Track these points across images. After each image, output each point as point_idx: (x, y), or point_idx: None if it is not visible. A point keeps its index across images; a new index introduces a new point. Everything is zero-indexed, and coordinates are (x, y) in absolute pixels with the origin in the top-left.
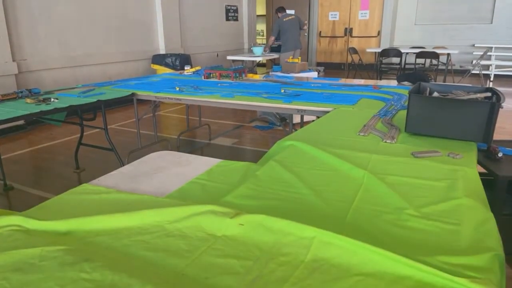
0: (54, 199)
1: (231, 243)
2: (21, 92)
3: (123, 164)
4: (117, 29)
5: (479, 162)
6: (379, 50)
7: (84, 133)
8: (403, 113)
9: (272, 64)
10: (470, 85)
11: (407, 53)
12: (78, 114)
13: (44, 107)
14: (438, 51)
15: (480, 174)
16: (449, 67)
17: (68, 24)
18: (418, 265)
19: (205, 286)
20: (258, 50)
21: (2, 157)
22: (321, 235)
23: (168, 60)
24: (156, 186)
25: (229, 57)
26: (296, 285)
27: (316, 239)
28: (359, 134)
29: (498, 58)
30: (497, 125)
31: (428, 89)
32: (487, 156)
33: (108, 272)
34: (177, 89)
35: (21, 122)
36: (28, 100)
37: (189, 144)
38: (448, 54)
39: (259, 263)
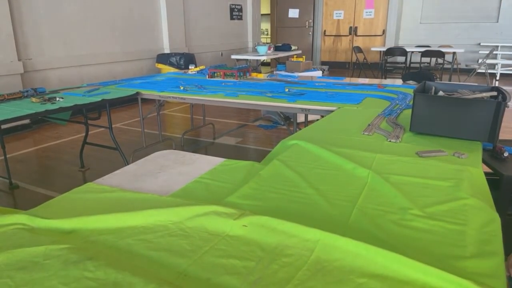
0: (58, 197)
1: (234, 243)
2: (27, 91)
3: (127, 163)
4: (122, 28)
5: (484, 162)
6: (384, 49)
7: (89, 132)
8: (408, 112)
9: (277, 63)
10: (476, 84)
11: (412, 52)
12: (83, 113)
13: (49, 106)
14: (443, 49)
15: (486, 173)
16: (455, 66)
17: (73, 23)
18: (423, 269)
19: (207, 286)
20: (262, 49)
21: (7, 155)
22: (325, 238)
23: (173, 60)
24: (160, 185)
25: (233, 56)
26: (298, 286)
27: (320, 241)
28: (363, 133)
29: (504, 57)
30: (502, 124)
31: (434, 88)
32: (492, 155)
33: (111, 271)
34: (182, 88)
35: (26, 121)
36: (34, 99)
37: (193, 143)
38: (454, 53)
39: (261, 264)
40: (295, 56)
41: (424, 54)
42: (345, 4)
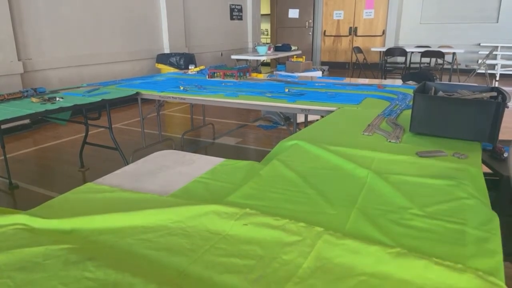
0: (58, 198)
1: (234, 242)
2: (27, 91)
3: (127, 163)
4: (122, 28)
5: (484, 162)
6: (384, 49)
7: (89, 132)
8: (408, 112)
9: (276, 63)
10: (476, 84)
11: (412, 52)
12: (83, 113)
13: (49, 106)
14: (443, 50)
15: (485, 174)
16: (455, 67)
17: (73, 23)
18: (423, 267)
19: (208, 285)
20: (262, 49)
21: (7, 156)
22: (325, 235)
23: (173, 60)
24: (160, 185)
25: (233, 57)
26: (299, 284)
27: (320, 239)
28: (363, 134)
29: (504, 57)
30: (502, 124)
31: (433, 88)
32: (492, 156)
33: (111, 271)
34: (181, 88)
35: (26, 121)
36: (34, 99)
37: (193, 143)
38: (454, 53)
39: (262, 262)
40: (295, 56)
41: (424, 54)
42: (345, 5)
